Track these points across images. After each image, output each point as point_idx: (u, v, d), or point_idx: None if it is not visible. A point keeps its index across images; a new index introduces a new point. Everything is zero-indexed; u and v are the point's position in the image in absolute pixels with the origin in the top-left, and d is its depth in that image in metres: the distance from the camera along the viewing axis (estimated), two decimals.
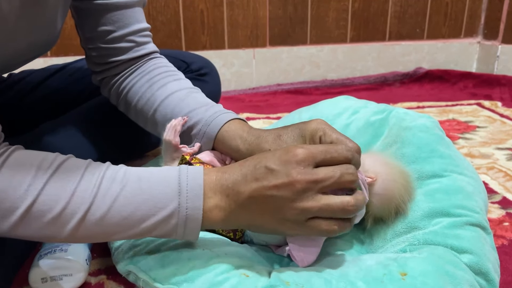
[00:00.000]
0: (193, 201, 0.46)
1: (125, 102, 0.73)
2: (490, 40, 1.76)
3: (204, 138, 0.63)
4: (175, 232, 0.47)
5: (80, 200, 0.45)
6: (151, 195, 0.46)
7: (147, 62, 0.73)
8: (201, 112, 0.65)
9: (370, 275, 0.47)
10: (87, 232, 0.46)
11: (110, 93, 0.75)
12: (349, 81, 1.73)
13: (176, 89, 0.69)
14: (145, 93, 0.70)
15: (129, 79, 0.72)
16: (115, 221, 0.46)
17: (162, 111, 0.67)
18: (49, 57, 1.50)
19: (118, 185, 0.46)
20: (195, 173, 0.48)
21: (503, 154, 1.04)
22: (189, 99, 0.67)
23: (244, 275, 0.47)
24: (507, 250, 0.67)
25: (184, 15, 1.57)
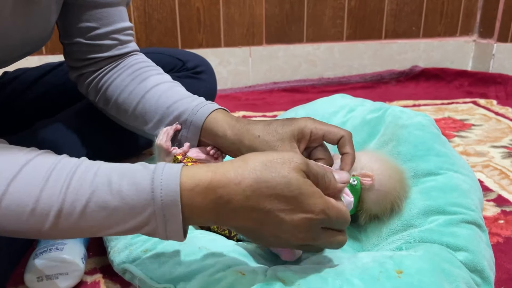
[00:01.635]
0: (169, 207, 0.42)
1: (105, 97, 0.72)
2: (486, 39, 1.77)
3: (191, 127, 0.63)
4: (158, 235, 0.44)
5: (47, 206, 0.41)
6: (124, 201, 0.42)
7: (128, 58, 0.72)
8: (186, 103, 0.64)
9: (366, 272, 0.47)
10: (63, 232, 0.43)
11: (88, 89, 0.74)
12: (346, 79, 1.73)
13: (160, 81, 0.69)
14: (128, 86, 0.69)
15: (110, 74, 0.71)
16: (90, 224, 0.43)
17: (146, 103, 0.67)
18: (44, 55, 1.49)
19: (87, 189, 0.42)
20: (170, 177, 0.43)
21: (498, 152, 1.05)
22: (173, 91, 0.67)
23: (241, 274, 0.47)
24: (502, 247, 0.68)
25: (180, 13, 1.56)
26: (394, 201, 0.59)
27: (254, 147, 0.58)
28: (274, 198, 0.42)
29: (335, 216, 0.45)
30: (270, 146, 0.58)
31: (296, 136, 0.58)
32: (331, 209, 0.44)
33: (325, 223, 0.45)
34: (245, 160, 0.44)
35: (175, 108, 0.64)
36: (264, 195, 0.42)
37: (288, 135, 0.58)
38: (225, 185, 0.42)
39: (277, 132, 0.58)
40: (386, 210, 0.60)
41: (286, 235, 0.44)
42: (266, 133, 0.58)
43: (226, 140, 0.60)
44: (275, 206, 0.42)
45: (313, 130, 0.58)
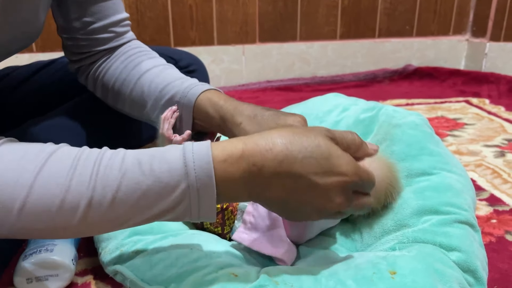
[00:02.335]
0: (203, 181, 0.42)
1: (102, 86, 0.72)
2: (479, 38, 1.78)
3: (183, 109, 0.62)
4: (190, 213, 0.43)
5: (77, 196, 0.40)
6: (157, 180, 0.41)
7: (121, 46, 0.72)
8: (177, 85, 0.64)
9: (359, 273, 0.47)
10: (94, 224, 0.42)
11: (87, 80, 0.74)
12: (339, 78, 1.73)
13: (151, 66, 0.68)
14: (121, 74, 0.69)
15: (105, 64, 0.71)
16: (122, 210, 0.42)
17: (138, 89, 0.67)
18: (35, 53, 1.48)
19: (117, 173, 0.41)
20: (201, 151, 0.42)
21: (491, 151, 1.05)
22: (164, 74, 0.67)
23: (233, 275, 0.47)
24: (495, 247, 0.68)
25: (173, 10, 1.55)
26: (387, 189, 0.59)
27: (235, 133, 0.58)
28: (306, 162, 0.42)
29: (367, 178, 0.45)
30: None
31: None
32: (362, 171, 0.45)
33: (357, 186, 0.45)
34: (274, 131, 0.44)
35: (167, 91, 0.64)
36: (296, 160, 0.42)
37: None
38: (257, 153, 0.42)
39: (259, 125, 0.57)
40: (380, 200, 0.60)
41: (320, 201, 0.44)
42: (248, 123, 0.57)
43: (213, 120, 0.60)
44: (308, 169, 0.42)
45: None
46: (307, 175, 0.42)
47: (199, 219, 0.44)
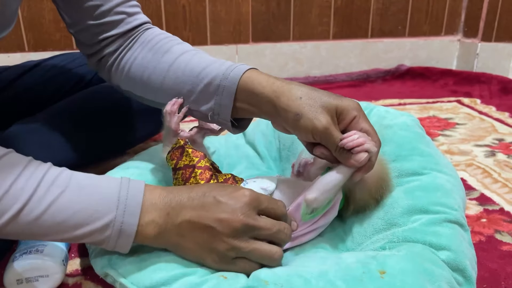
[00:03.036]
0: (129, 217, 0.47)
1: (129, 78, 0.68)
2: (470, 38, 1.79)
3: (224, 92, 0.59)
4: (107, 243, 0.48)
5: (13, 199, 0.44)
6: (89, 205, 0.47)
7: (143, 33, 0.69)
8: (215, 68, 0.60)
9: (349, 274, 0.47)
10: (15, 231, 0.45)
11: (110, 73, 0.70)
12: (332, 78, 1.74)
13: (182, 51, 0.65)
14: (151, 62, 0.65)
15: (129, 54, 0.68)
16: (47, 225, 0.46)
17: (173, 75, 0.63)
18: (27, 52, 1.47)
19: (57, 189, 0.46)
20: (136, 189, 0.49)
21: (482, 151, 1.06)
22: (198, 58, 0.63)
23: (222, 277, 0.47)
24: (484, 246, 0.68)
25: (166, 10, 1.55)
26: (378, 183, 0.60)
27: (291, 108, 0.53)
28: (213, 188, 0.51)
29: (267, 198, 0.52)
30: (310, 111, 0.52)
31: (339, 113, 0.54)
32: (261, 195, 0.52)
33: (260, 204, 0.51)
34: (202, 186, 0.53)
35: (205, 75, 0.60)
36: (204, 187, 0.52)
37: (332, 107, 0.53)
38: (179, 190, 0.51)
39: (322, 100, 0.53)
40: (372, 193, 0.60)
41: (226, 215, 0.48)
42: (309, 98, 0.53)
43: (262, 97, 0.56)
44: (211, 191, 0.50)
45: (356, 118, 0.54)
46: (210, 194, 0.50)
47: (113, 249, 0.49)
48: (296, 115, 0.53)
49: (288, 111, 0.53)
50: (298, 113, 0.53)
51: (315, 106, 0.53)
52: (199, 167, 0.60)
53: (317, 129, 0.52)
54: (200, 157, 0.61)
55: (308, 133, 0.53)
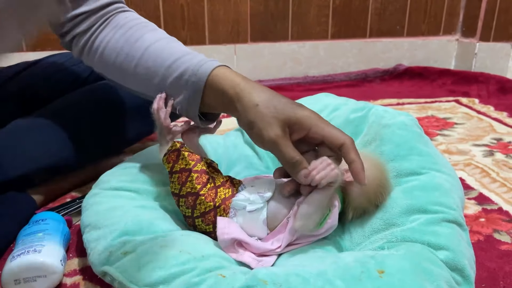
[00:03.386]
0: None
1: (102, 61, 0.68)
2: (468, 38, 1.79)
3: (192, 87, 0.60)
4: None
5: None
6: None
7: (116, 16, 0.69)
8: (186, 61, 0.61)
9: (348, 273, 0.47)
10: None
11: (83, 54, 0.70)
12: (330, 77, 1.74)
13: (154, 39, 0.65)
14: (123, 48, 0.65)
15: (102, 36, 0.67)
16: None
17: (144, 64, 0.64)
18: (25, 52, 1.46)
19: None
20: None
21: (480, 151, 1.06)
22: (170, 48, 0.64)
23: (221, 276, 0.47)
24: (483, 246, 0.68)
25: (164, 9, 1.55)
26: (377, 189, 0.60)
27: (246, 114, 0.54)
28: None
29: None
30: (263, 120, 0.53)
31: (293, 124, 0.53)
32: None
33: None
34: None
35: (175, 68, 0.61)
36: None
37: (283, 117, 0.53)
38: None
39: (276, 109, 0.53)
40: (371, 200, 0.60)
41: None
42: (265, 106, 0.53)
43: (227, 97, 0.57)
44: None
45: (313, 128, 0.53)
46: None
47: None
48: (249, 123, 0.53)
49: (244, 117, 0.54)
50: (252, 121, 0.53)
51: (268, 116, 0.52)
52: (196, 171, 0.60)
53: (265, 141, 0.52)
54: (196, 160, 0.61)
55: (259, 144, 0.54)
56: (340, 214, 0.60)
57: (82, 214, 0.62)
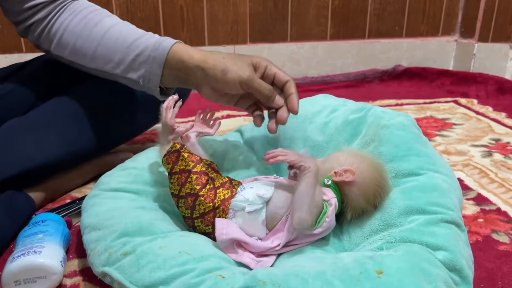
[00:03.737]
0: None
1: (61, 44, 0.75)
2: (467, 38, 1.79)
3: (154, 62, 0.69)
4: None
5: None
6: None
7: (71, 4, 0.75)
8: (145, 40, 0.70)
9: (346, 273, 0.47)
10: None
11: (40, 39, 0.76)
12: (329, 78, 1.74)
13: (113, 23, 0.73)
14: (83, 31, 0.73)
15: (59, 22, 0.74)
16: None
17: (105, 44, 0.72)
18: (25, 53, 1.47)
19: None
20: None
21: (478, 151, 1.06)
22: (129, 31, 0.72)
23: (220, 277, 0.47)
24: (481, 246, 0.69)
25: (164, 10, 1.55)
26: (375, 190, 0.60)
27: (217, 66, 0.65)
28: None
29: None
30: (235, 65, 0.65)
31: (255, 64, 0.67)
32: None
33: None
34: None
35: (136, 47, 0.70)
36: None
37: (249, 61, 0.67)
38: None
39: (240, 57, 0.67)
40: (369, 200, 0.60)
41: None
42: (230, 57, 0.66)
43: (190, 64, 0.67)
44: None
45: (268, 66, 0.67)
46: None
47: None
48: (223, 71, 0.65)
49: (215, 68, 0.65)
50: (224, 69, 0.65)
51: (237, 61, 0.66)
52: (195, 172, 0.60)
53: (243, 79, 0.64)
54: (196, 161, 0.61)
55: (236, 84, 0.65)
56: (339, 215, 0.61)
57: (82, 215, 0.62)
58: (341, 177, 0.60)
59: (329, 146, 0.74)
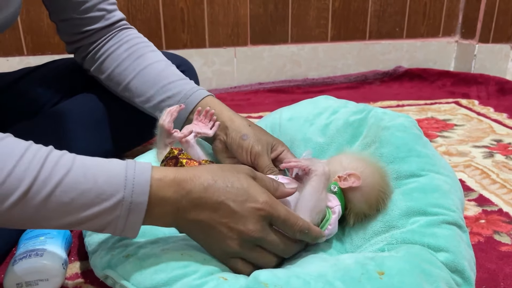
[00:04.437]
0: (138, 195, 0.45)
1: (100, 68, 0.78)
2: (468, 39, 1.80)
3: (184, 109, 0.69)
4: (115, 226, 0.46)
5: (17, 181, 0.42)
6: (96, 184, 0.44)
7: (122, 32, 0.79)
8: (180, 85, 0.72)
9: (348, 274, 0.47)
10: (20, 215, 0.43)
11: (85, 59, 0.80)
12: (330, 79, 1.74)
13: (155, 60, 0.75)
14: (124, 60, 0.75)
15: (107, 47, 0.77)
16: (54, 207, 0.43)
17: (141, 78, 0.74)
18: (26, 56, 1.47)
19: (62, 169, 0.44)
20: (143, 167, 0.47)
21: (480, 152, 1.06)
22: (168, 71, 0.74)
23: (222, 279, 0.47)
24: (483, 247, 0.69)
25: (164, 13, 1.55)
26: (379, 196, 0.60)
27: (241, 130, 0.67)
28: (227, 191, 0.49)
29: (283, 214, 0.50)
30: (255, 135, 0.67)
31: (273, 144, 0.68)
32: (277, 205, 0.50)
33: (273, 219, 0.50)
34: (202, 167, 0.52)
35: (169, 89, 0.72)
36: (219, 188, 0.48)
37: (269, 139, 0.68)
38: (187, 179, 0.48)
39: (263, 132, 0.68)
40: (372, 206, 0.60)
41: (236, 226, 0.48)
42: (254, 129, 0.67)
43: (218, 117, 0.68)
44: (228, 196, 0.48)
45: (284, 151, 0.68)
46: (227, 202, 0.48)
47: (121, 234, 0.47)
48: (243, 136, 0.67)
49: (238, 132, 0.67)
50: (246, 134, 0.67)
51: (259, 134, 0.68)
52: None
53: (255, 150, 0.65)
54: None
55: (248, 152, 0.66)
56: (341, 219, 0.60)
57: None
58: (346, 182, 0.59)
59: (330, 148, 0.74)
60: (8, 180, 0.41)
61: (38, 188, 0.42)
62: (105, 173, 0.45)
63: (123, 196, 0.45)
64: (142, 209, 0.46)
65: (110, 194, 0.45)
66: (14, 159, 0.42)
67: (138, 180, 0.46)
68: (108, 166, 0.46)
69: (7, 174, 0.41)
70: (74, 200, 0.44)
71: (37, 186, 0.42)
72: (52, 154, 0.45)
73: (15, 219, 0.43)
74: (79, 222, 0.45)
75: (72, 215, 0.44)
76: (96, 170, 0.45)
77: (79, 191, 0.44)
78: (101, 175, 0.45)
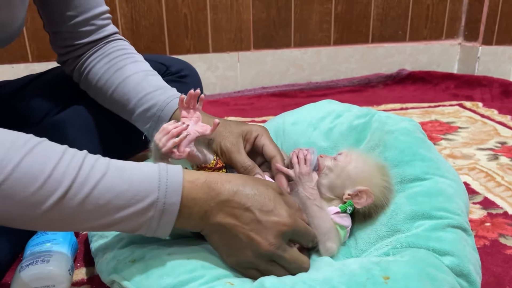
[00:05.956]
0: (171, 196, 0.47)
1: (86, 81, 0.78)
2: (471, 42, 1.79)
3: (159, 120, 0.69)
4: (148, 226, 0.47)
5: (56, 183, 0.43)
6: (131, 186, 0.46)
7: (107, 44, 0.78)
8: (156, 95, 0.70)
9: (353, 280, 0.47)
10: (58, 216, 0.44)
11: (73, 73, 0.81)
12: (333, 83, 1.74)
13: (133, 71, 0.74)
14: (104, 74, 0.75)
15: (89, 60, 0.77)
16: (90, 208, 0.45)
17: (120, 92, 0.73)
18: (31, 63, 1.48)
19: (98, 172, 0.45)
20: (175, 170, 0.49)
21: (484, 155, 1.06)
22: (145, 82, 0.72)
23: (229, 284, 0.47)
24: (488, 250, 0.68)
25: (168, 19, 1.56)
26: (382, 193, 0.60)
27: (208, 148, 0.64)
28: (255, 199, 0.50)
29: (304, 229, 0.53)
30: (220, 136, 0.63)
31: (245, 133, 0.64)
32: (301, 223, 0.53)
33: (295, 235, 0.52)
34: (235, 173, 0.53)
35: (146, 101, 0.70)
36: (248, 194, 0.50)
37: (237, 131, 0.63)
38: (218, 182, 0.50)
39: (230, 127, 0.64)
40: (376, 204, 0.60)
41: (256, 237, 0.49)
42: (224, 125, 0.63)
43: None
44: (255, 204, 0.50)
45: (258, 136, 0.64)
46: (253, 209, 0.49)
47: (154, 234, 0.49)
48: (209, 140, 0.63)
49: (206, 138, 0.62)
50: (211, 138, 0.63)
51: (224, 132, 0.63)
52: None
53: (224, 149, 0.62)
54: None
55: (220, 154, 0.63)
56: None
57: None
58: (360, 201, 0.59)
59: (334, 152, 0.74)
60: (48, 182, 0.43)
61: (76, 190, 0.44)
62: (139, 176, 0.47)
63: (157, 197, 0.46)
64: (175, 209, 0.47)
65: (145, 195, 0.46)
66: (53, 162, 0.43)
67: (171, 182, 0.47)
68: (142, 169, 0.48)
69: (47, 176, 0.43)
70: (110, 202, 0.45)
71: (75, 189, 0.44)
72: (88, 157, 0.46)
73: (52, 221, 0.45)
74: (114, 223, 0.46)
75: (107, 217, 0.46)
76: (131, 173, 0.47)
77: (114, 193, 0.45)
78: (135, 178, 0.47)
